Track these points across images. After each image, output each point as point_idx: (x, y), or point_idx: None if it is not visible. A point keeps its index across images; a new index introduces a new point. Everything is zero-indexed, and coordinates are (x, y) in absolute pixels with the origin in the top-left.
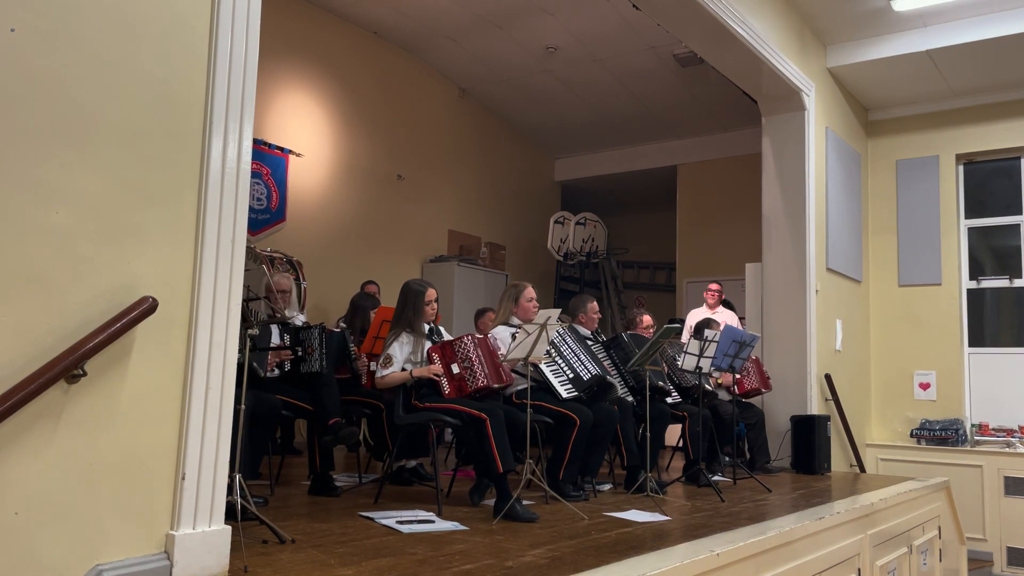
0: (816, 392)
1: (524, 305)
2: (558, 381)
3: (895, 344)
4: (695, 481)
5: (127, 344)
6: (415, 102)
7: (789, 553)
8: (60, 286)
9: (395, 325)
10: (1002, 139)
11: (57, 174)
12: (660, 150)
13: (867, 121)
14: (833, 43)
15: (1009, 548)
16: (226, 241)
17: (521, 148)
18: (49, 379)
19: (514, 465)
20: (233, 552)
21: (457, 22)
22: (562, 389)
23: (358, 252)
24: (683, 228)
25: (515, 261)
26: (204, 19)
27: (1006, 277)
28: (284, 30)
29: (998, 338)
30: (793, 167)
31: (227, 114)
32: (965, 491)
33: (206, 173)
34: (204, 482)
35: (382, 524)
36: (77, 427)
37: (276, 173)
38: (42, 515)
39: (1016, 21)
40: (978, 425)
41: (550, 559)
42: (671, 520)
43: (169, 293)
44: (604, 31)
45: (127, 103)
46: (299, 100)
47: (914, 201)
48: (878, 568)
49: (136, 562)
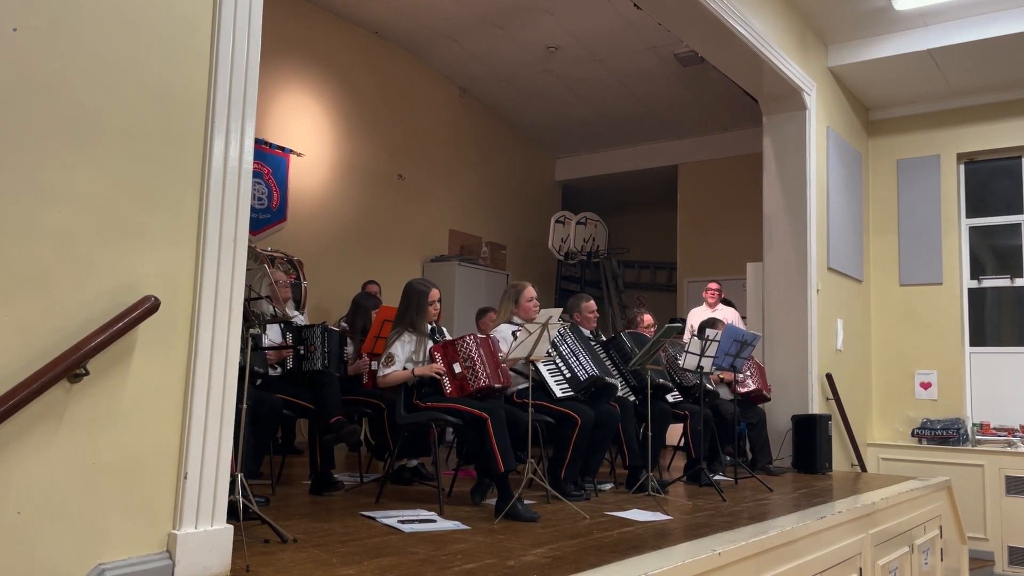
0: (817, 391)
1: (525, 305)
2: (554, 380)
3: (896, 343)
4: (696, 480)
5: (129, 344)
6: (416, 102)
7: (791, 552)
8: (62, 286)
9: (397, 324)
10: (1003, 138)
11: (59, 174)
12: (661, 149)
13: (868, 120)
14: (834, 42)
15: (1010, 547)
16: (228, 240)
17: (522, 148)
18: (51, 378)
19: (515, 465)
20: (235, 551)
21: (458, 22)
22: (557, 389)
23: (359, 252)
24: (684, 228)
25: (516, 261)
26: (206, 19)
27: (1007, 276)
28: (285, 30)
29: (999, 337)
30: (794, 166)
31: (228, 114)
32: (966, 490)
33: (208, 173)
34: (206, 481)
35: (384, 523)
36: (79, 426)
37: (277, 173)
38: (44, 514)
39: (1017, 20)
40: (979, 424)
41: (552, 558)
42: (672, 519)
43: (171, 293)
44: (605, 31)
45: (129, 103)
46: (300, 100)
47: (915, 200)
48: (879, 567)
49: (138, 561)
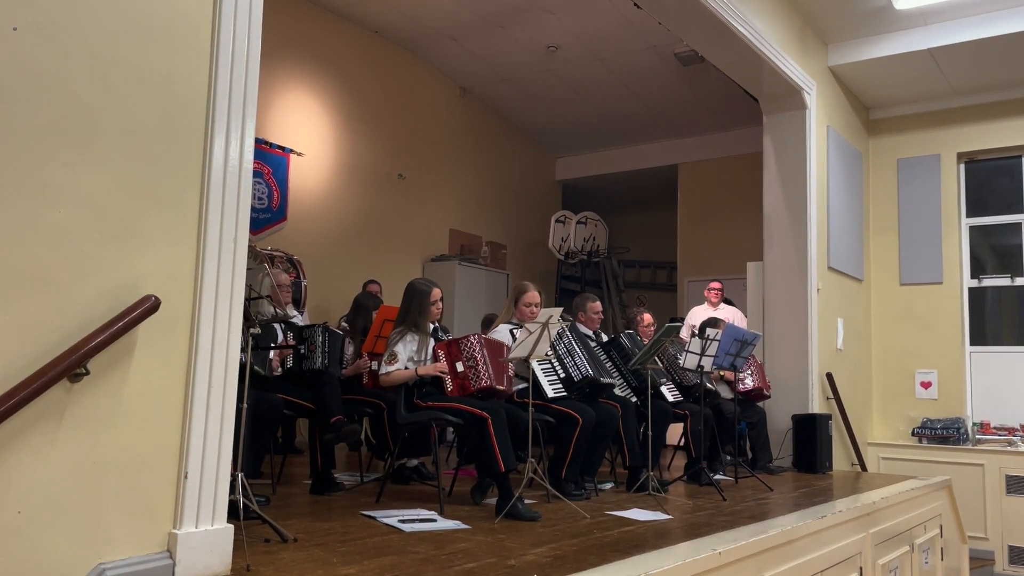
0: (818, 391)
1: (522, 309)
2: (547, 380)
3: (896, 343)
4: (697, 480)
5: (130, 343)
6: (416, 101)
7: (791, 552)
8: (63, 285)
9: (400, 324)
10: (1003, 138)
11: (60, 174)
12: (661, 149)
13: (868, 120)
14: (834, 41)
15: (1011, 547)
16: (228, 240)
17: (522, 147)
18: (52, 378)
19: (516, 464)
20: (235, 551)
21: (458, 21)
22: (550, 389)
23: (359, 251)
24: (684, 227)
25: (516, 260)
26: (206, 18)
27: (1007, 276)
28: (285, 29)
29: (999, 337)
30: (794, 166)
31: (229, 113)
32: (967, 490)
33: (208, 172)
34: (207, 481)
35: (384, 523)
36: (80, 426)
37: (277, 172)
38: (45, 514)
39: (1017, 20)
40: (979, 424)
41: (552, 558)
42: (673, 519)
43: (172, 292)
44: (605, 30)
45: (129, 102)
46: (300, 99)
47: (915, 200)
48: (880, 567)
49: (139, 561)
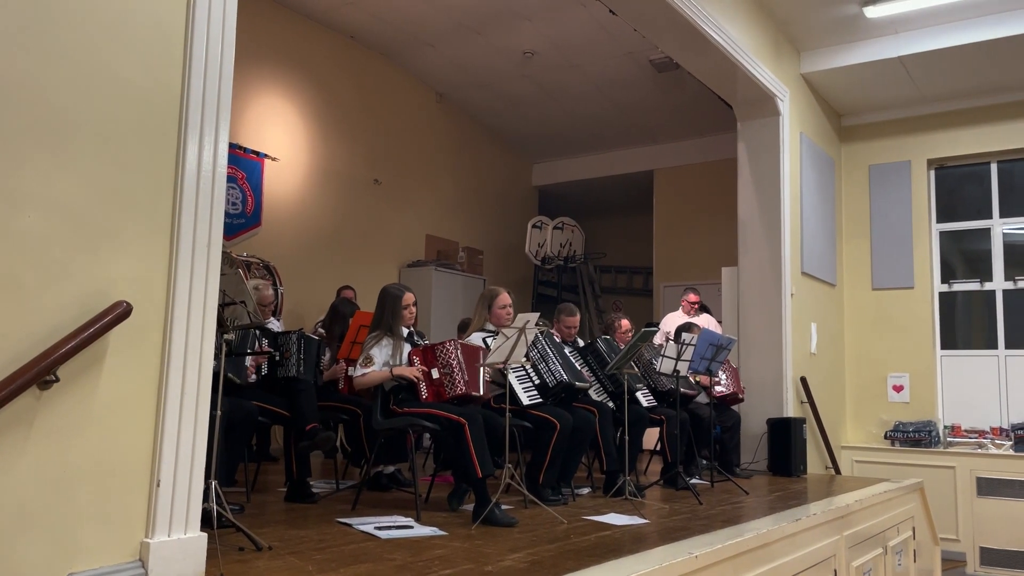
0: (792, 395)
1: (497, 312)
2: (522, 388)
3: (869, 347)
4: (673, 484)
5: (101, 349)
6: (392, 107)
7: (766, 555)
8: (33, 291)
9: (374, 328)
10: (973, 144)
11: (31, 178)
12: (637, 155)
13: (840, 126)
14: (807, 49)
15: (982, 548)
16: (201, 245)
17: (499, 153)
18: (21, 385)
19: (493, 470)
20: (209, 559)
21: (434, 27)
22: (525, 396)
23: (335, 257)
24: (660, 232)
25: (493, 266)
26: (179, 22)
27: (977, 280)
28: (260, 34)
29: (969, 341)
30: (768, 172)
31: (203, 118)
32: (938, 492)
33: (181, 177)
34: (179, 489)
35: (360, 530)
36: (50, 434)
37: (251, 177)
38: (14, 523)
39: (986, 28)
40: (951, 427)
41: (529, 563)
42: (649, 523)
43: (144, 298)
44: (581, 37)
45: (102, 107)
46: (275, 104)
47: (887, 206)
48: (854, 569)
49: (110, 570)
